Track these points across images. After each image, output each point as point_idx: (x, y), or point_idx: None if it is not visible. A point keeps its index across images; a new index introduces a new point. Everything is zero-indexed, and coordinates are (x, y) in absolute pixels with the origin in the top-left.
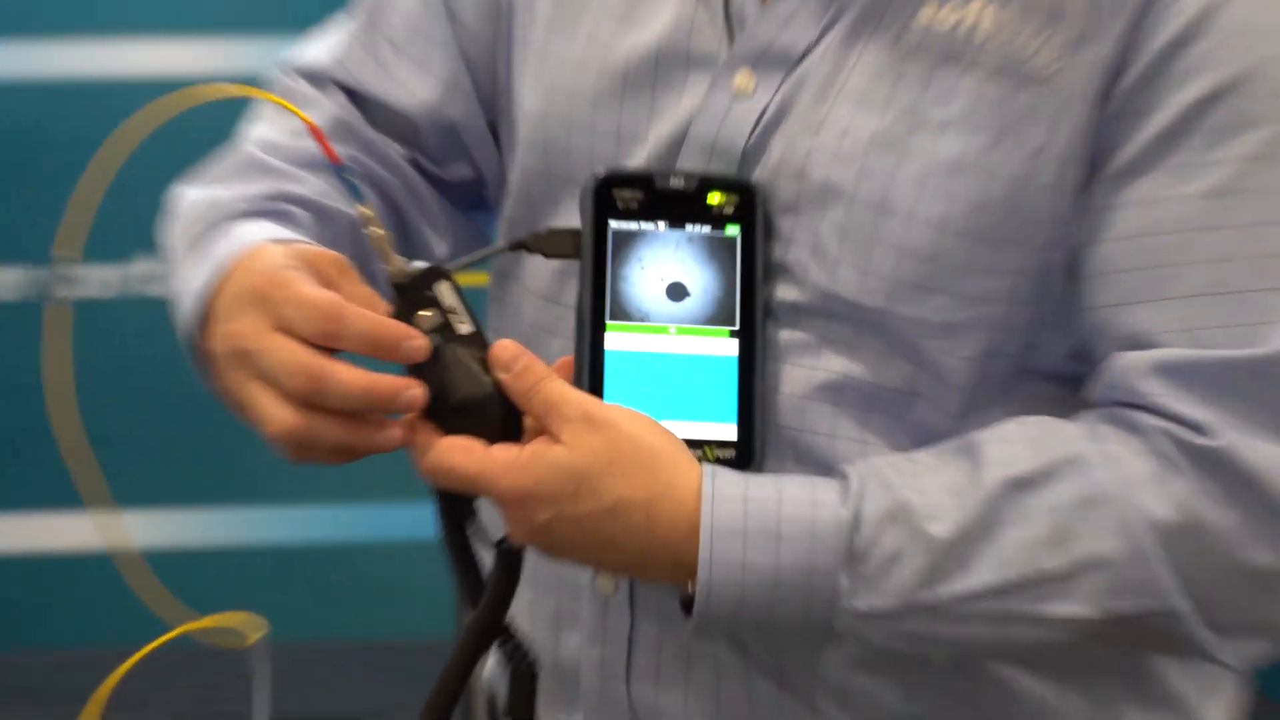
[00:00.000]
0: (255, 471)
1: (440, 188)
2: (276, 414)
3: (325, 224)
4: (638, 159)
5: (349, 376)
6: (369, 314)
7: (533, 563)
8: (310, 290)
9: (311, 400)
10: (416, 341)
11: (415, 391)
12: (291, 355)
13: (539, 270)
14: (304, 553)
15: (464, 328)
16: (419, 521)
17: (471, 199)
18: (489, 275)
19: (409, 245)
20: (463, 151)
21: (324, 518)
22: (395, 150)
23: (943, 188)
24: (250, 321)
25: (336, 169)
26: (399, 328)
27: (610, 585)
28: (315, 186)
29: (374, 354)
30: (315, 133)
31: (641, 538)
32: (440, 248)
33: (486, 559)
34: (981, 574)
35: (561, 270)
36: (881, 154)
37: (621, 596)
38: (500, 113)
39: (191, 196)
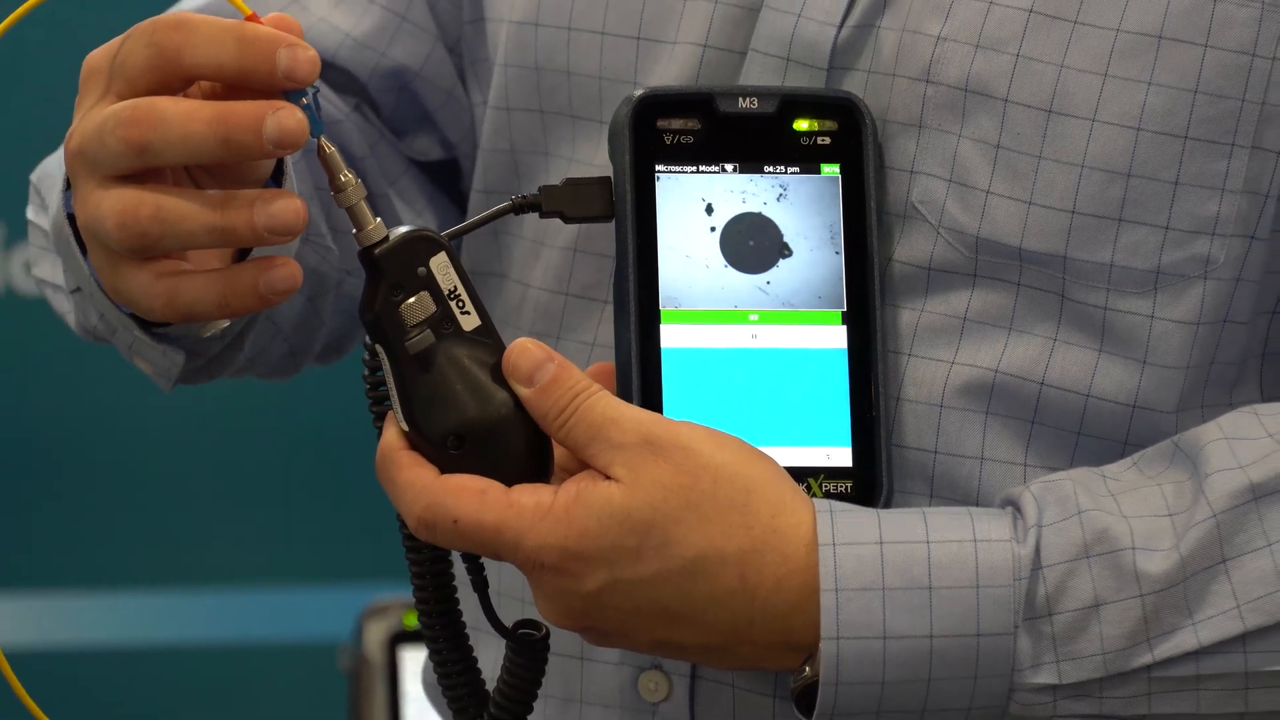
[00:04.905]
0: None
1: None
2: (107, 200)
3: None
4: (668, 73)
5: (180, 102)
6: (215, 19)
7: None
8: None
9: (142, 150)
10: (308, 52)
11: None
12: (110, 110)
13: (535, 252)
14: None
15: (469, 321)
16: (295, 613)
17: (447, 190)
18: None
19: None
20: (424, 116)
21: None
22: (340, 105)
23: (1136, 68)
24: (85, 107)
25: (293, 93)
26: (272, 32)
27: (660, 688)
28: None
29: (239, 72)
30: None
31: (734, 606)
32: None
33: (483, 656)
34: (1215, 623)
35: (573, 245)
36: (1045, 31)
37: (676, 705)
38: (469, 54)
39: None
